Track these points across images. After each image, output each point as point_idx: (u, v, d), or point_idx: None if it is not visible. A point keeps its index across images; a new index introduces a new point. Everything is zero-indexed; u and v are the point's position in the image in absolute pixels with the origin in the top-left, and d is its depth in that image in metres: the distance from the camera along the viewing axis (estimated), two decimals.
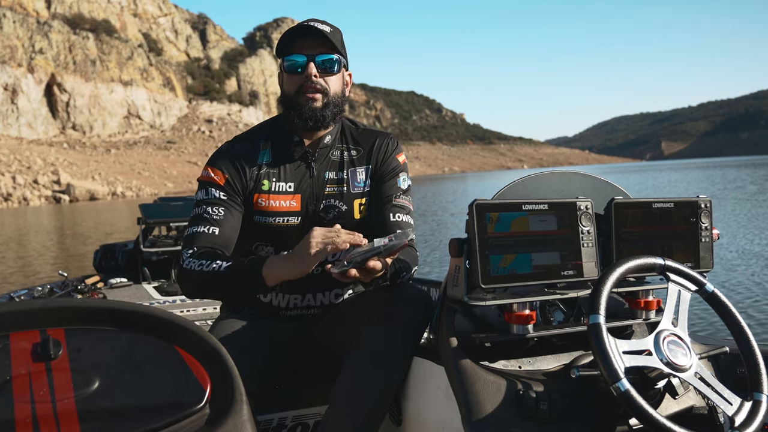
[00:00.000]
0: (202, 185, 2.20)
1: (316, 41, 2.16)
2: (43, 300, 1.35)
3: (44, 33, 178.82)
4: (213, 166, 2.21)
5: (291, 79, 2.18)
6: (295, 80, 2.17)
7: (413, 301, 2.03)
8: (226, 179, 2.17)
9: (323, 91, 2.17)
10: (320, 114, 2.16)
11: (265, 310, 2.26)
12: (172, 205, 6.68)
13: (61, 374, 1.25)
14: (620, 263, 1.67)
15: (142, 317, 1.38)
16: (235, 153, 2.22)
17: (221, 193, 2.16)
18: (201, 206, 2.16)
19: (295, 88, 2.17)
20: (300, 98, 2.16)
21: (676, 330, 1.68)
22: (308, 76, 2.15)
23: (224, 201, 2.16)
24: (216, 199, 2.16)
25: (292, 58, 2.17)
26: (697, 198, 2.03)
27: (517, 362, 1.84)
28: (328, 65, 2.18)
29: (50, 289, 5.49)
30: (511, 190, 1.99)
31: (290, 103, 2.19)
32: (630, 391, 1.49)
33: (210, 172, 2.20)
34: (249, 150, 2.23)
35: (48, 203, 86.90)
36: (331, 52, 2.18)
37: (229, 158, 2.21)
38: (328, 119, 2.19)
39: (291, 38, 2.17)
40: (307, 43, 2.16)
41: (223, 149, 2.25)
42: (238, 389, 1.37)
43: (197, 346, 1.39)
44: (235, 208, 2.17)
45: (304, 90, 2.15)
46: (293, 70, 2.17)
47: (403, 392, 2.06)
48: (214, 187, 2.17)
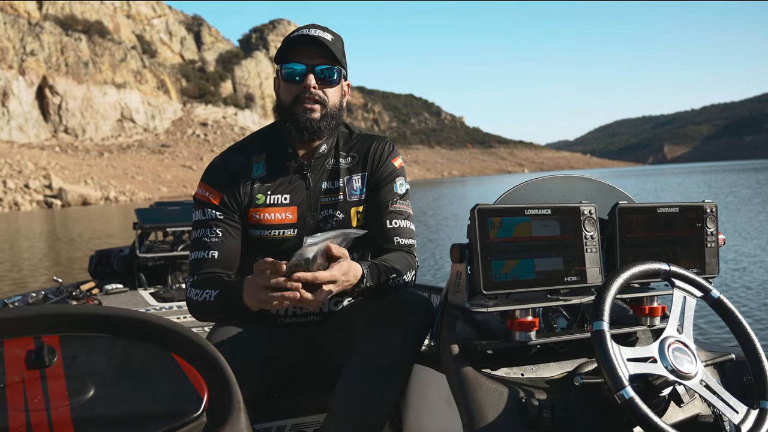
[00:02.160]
0: (198, 204, 2.23)
1: (316, 50, 2.13)
2: (38, 306, 1.35)
3: (36, 34, 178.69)
4: (207, 183, 2.22)
5: (288, 87, 2.17)
6: (292, 89, 2.16)
7: (414, 307, 2.03)
8: (221, 198, 2.19)
9: (321, 102, 2.15)
10: (317, 126, 2.15)
11: (264, 318, 2.26)
12: (169, 210, 6.66)
13: (55, 382, 1.26)
14: (624, 269, 1.67)
15: (138, 324, 1.38)
16: (228, 168, 2.23)
17: (217, 213, 2.19)
18: (199, 229, 2.20)
19: (292, 97, 2.16)
20: (296, 108, 2.15)
21: (682, 337, 1.68)
22: (306, 87, 2.13)
23: (221, 221, 2.18)
24: (213, 220, 2.18)
25: (290, 66, 2.15)
26: (703, 203, 2.03)
27: (520, 370, 1.84)
28: (328, 76, 2.16)
29: (45, 295, 5.48)
30: (513, 194, 2.00)
31: (286, 113, 2.18)
32: (634, 399, 1.49)
33: (204, 190, 2.22)
34: (243, 163, 2.23)
35: (39, 208, 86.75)
36: (332, 62, 2.16)
37: (222, 174, 2.22)
38: (325, 131, 2.18)
39: (291, 45, 2.15)
40: (307, 52, 2.14)
41: (216, 163, 2.26)
42: (235, 397, 1.37)
43: (194, 353, 1.39)
44: (232, 225, 2.19)
45: (302, 100, 2.14)
46: (291, 78, 2.15)
47: (404, 400, 2.06)
48: (210, 207, 2.19)
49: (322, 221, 2.22)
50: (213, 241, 2.16)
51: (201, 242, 2.17)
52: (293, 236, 2.20)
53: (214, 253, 2.16)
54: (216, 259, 2.15)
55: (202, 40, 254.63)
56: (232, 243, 2.19)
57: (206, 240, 2.17)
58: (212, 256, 2.15)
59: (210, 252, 2.16)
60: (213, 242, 2.16)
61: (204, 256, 2.16)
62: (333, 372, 2.05)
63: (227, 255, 2.17)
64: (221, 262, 2.16)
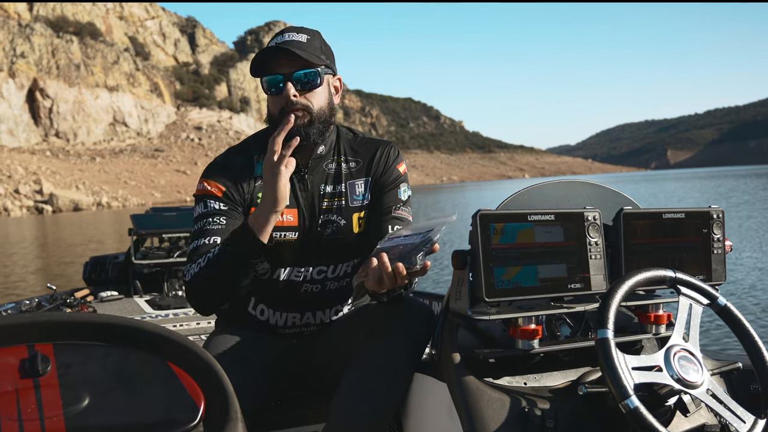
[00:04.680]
0: (199, 200, 2.17)
1: (290, 57, 2.09)
2: (31, 314, 1.36)
3: (26, 36, 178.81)
4: (208, 178, 2.18)
5: (273, 100, 2.15)
6: (276, 101, 2.13)
7: (414, 315, 2.03)
8: (224, 191, 2.14)
9: (306, 109, 2.12)
10: (305, 132, 2.10)
11: (262, 327, 2.26)
12: (165, 216, 6.64)
13: (49, 391, 1.26)
14: (629, 276, 1.67)
15: (134, 332, 1.38)
16: (230, 165, 2.20)
17: (220, 204, 2.13)
18: (201, 220, 2.12)
19: (278, 109, 2.13)
20: (284, 118, 2.10)
21: (688, 345, 1.68)
22: (287, 98, 2.10)
23: (224, 211, 2.13)
24: (216, 210, 2.12)
25: (268, 79, 2.12)
26: (709, 208, 2.04)
27: (522, 378, 1.84)
28: (308, 80, 2.12)
29: (38, 302, 5.48)
30: (516, 200, 2.00)
31: (275, 124, 2.12)
32: (639, 409, 1.49)
33: (206, 185, 2.16)
34: (244, 162, 2.21)
35: (30, 214, 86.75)
36: (309, 65, 2.12)
37: (224, 170, 2.19)
38: (314, 136, 2.14)
39: (265, 57, 2.12)
40: (281, 61, 2.11)
41: (217, 161, 2.24)
42: (233, 407, 1.37)
43: (191, 361, 1.39)
44: (236, 217, 2.13)
45: (287, 112, 2.09)
46: (271, 91, 2.13)
47: (404, 409, 2.06)
48: (212, 199, 2.14)
49: (323, 226, 2.21)
50: (215, 229, 2.08)
51: (203, 231, 2.09)
52: (294, 240, 2.19)
53: (217, 239, 2.07)
54: (218, 244, 2.06)
55: (196, 43, 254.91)
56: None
57: (208, 228, 2.09)
58: (214, 241, 2.06)
59: (212, 238, 2.07)
60: (216, 229, 2.08)
61: (205, 242, 2.07)
62: (332, 381, 2.05)
63: None
64: None
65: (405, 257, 1.80)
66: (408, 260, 1.79)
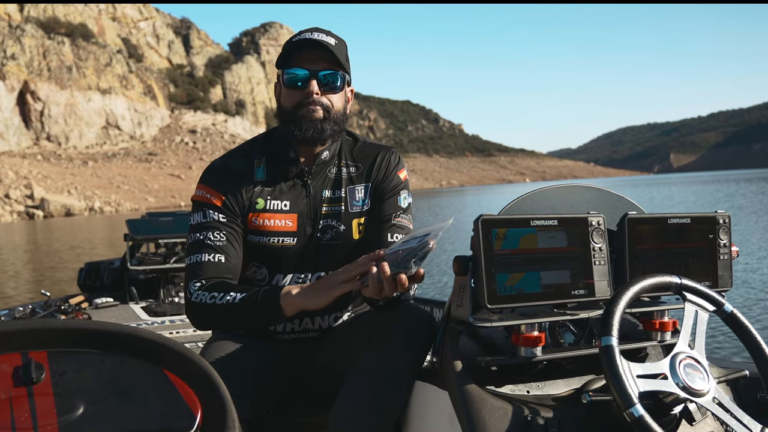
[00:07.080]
0: (197, 207, 2.18)
1: (319, 54, 2.13)
2: (25, 321, 1.35)
3: (16, 37, 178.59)
4: (207, 184, 2.19)
5: (290, 93, 2.16)
6: (294, 95, 2.16)
7: (415, 322, 2.03)
8: (223, 200, 2.15)
9: (325, 108, 2.15)
10: (320, 126, 2.14)
11: (261, 333, 2.26)
12: (161, 221, 6.65)
13: (43, 399, 1.25)
14: (634, 282, 1.68)
15: (130, 339, 1.38)
16: (229, 169, 2.21)
17: (220, 216, 2.15)
18: (200, 231, 2.14)
19: (294, 103, 2.15)
20: (299, 112, 2.14)
21: (693, 352, 1.68)
22: (309, 93, 2.13)
23: (224, 224, 2.14)
24: (215, 222, 2.14)
25: (292, 72, 2.14)
26: (716, 213, 2.04)
27: (525, 386, 1.84)
28: (331, 81, 2.16)
29: (32, 309, 5.47)
30: (518, 205, 2.00)
31: (289, 117, 2.17)
32: (644, 417, 1.49)
33: (205, 191, 2.17)
34: (244, 165, 2.22)
35: (21, 219, 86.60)
36: (335, 67, 2.15)
37: (224, 175, 2.19)
38: (327, 134, 2.16)
39: (293, 49, 2.14)
40: (310, 56, 2.13)
41: (216, 165, 2.24)
42: (230, 415, 1.37)
43: (187, 369, 1.39)
44: (235, 231, 2.15)
45: (305, 106, 2.13)
46: (293, 84, 2.15)
47: (405, 418, 2.06)
48: (212, 209, 2.15)
49: (322, 231, 2.21)
50: (218, 245, 2.11)
51: (204, 245, 2.11)
52: (292, 245, 2.19)
53: (221, 258, 2.10)
54: (223, 263, 2.10)
55: (190, 44, 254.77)
56: (237, 249, 2.15)
57: (210, 243, 2.11)
58: (219, 260, 2.09)
59: (216, 255, 2.09)
60: (218, 246, 2.11)
61: (210, 259, 2.09)
62: (332, 388, 2.04)
63: (233, 262, 2.13)
64: (228, 268, 2.11)
65: (401, 263, 1.81)
66: (403, 265, 1.80)
